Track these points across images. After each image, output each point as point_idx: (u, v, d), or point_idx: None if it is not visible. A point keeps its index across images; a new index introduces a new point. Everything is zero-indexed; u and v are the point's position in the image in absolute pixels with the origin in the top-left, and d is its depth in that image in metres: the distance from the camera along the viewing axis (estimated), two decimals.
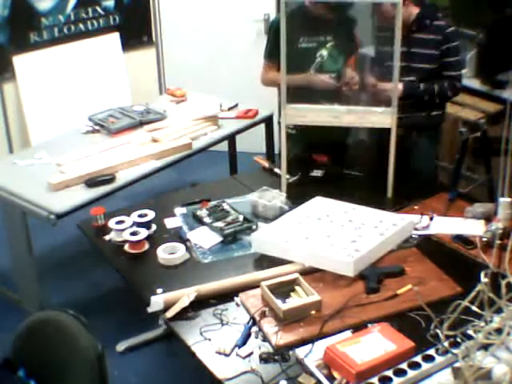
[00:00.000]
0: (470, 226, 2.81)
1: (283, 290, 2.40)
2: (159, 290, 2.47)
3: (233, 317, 2.35)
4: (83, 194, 3.31)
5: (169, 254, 2.69)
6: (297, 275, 2.45)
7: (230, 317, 2.35)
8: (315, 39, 3.41)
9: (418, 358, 2.07)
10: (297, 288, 2.42)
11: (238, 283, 2.48)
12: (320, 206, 2.91)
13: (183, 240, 2.79)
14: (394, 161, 3.06)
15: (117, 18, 4.89)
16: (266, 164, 3.41)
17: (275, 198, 2.99)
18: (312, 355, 2.12)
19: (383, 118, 3.09)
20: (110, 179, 3.40)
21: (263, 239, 2.69)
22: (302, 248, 2.60)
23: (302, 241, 2.64)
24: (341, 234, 2.67)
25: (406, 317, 2.30)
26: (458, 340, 2.10)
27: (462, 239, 2.72)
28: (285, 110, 3.07)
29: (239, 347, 2.20)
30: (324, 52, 3.41)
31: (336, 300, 2.36)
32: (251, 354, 2.18)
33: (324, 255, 2.54)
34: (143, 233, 2.77)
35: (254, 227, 2.84)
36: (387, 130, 3.06)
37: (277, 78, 3.39)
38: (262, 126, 4.13)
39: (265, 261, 2.64)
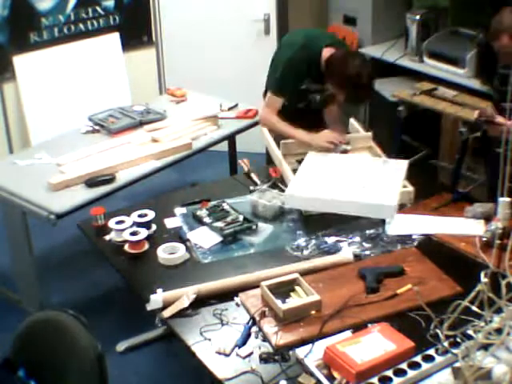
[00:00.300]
0: (470, 225, 2.81)
1: (283, 289, 2.40)
2: (159, 290, 2.47)
3: (233, 317, 2.35)
4: (83, 194, 3.31)
5: (169, 254, 2.69)
6: (297, 275, 2.45)
7: (229, 317, 2.35)
8: (315, 86, 3.32)
9: (418, 358, 2.07)
10: (297, 288, 2.42)
11: (238, 283, 2.48)
12: (319, 160, 3.13)
13: (183, 240, 2.79)
14: None
15: (117, 17, 4.89)
16: (246, 168, 3.39)
17: (275, 198, 2.99)
18: (312, 355, 2.12)
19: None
20: (110, 179, 3.40)
21: (300, 195, 2.88)
22: (340, 198, 2.85)
23: (338, 191, 2.88)
24: (363, 182, 2.93)
25: (406, 317, 2.30)
26: (458, 340, 2.10)
27: None
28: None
29: (239, 347, 2.20)
30: (317, 97, 3.33)
31: (336, 300, 2.36)
32: (251, 354, 2.18)
33: (365, 202, 2.81)
34: (143, 233, 2.77)
35: (253, 227, 2.84)
36: None
37: (276, 127, 3.39)
38: None
39: (265, 261, 2.65)
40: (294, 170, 3.14)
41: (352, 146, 3.35)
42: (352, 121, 3.58)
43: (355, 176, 3.01)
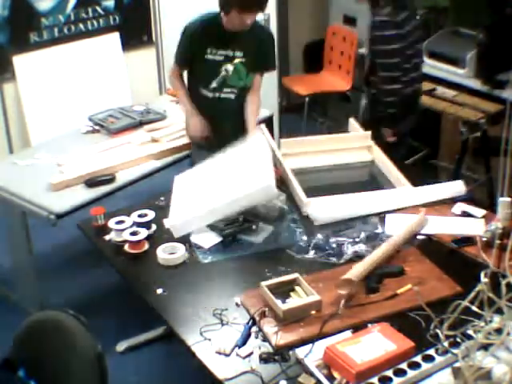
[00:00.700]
0: (470, 225, 2.81)
1: (283, 289, 2.40)
2: (159, 290, 2.47)
3: (233, 317, 2.35)
4: (83, 194, 3.31)
5: (169, 254, 2.69)
6: (297, 275, 2.45)
7: (229, 317, 2.35)
8: (223, 53, 3.35)
9: (418, 358, 2.07)
10: (297, 288, 2.42)
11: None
12: (187, 179, 3.10)
13: (183, 240, 2.79)
14: None
15: (117, 18, 4.88)
16: None
17: (275, 198, 2.99)
18: (312, 355, 2.12)
19: None
20: (110, 179, 3.40)
21: (182, 221, 2.79)
22: (219, 203, 2.79)
23: (214, 199, 2.83)
24: (229, 180, 2.91)
25: (406, 317, 2.29)
26: (458, 340, 2.10)
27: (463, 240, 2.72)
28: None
29: (239, 347, 2.20)
30: (230, 67, 3.35)
31: (336, 300, 2.36)
32: (251, 353, 2.18)
33: (245, 193, 2.76)
34: (143, 233, 2.77)
35: (253, 227, 2.84)
36: None
37: (176, 88, 3.57)
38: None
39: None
40: (294, 170, 3.14)
41: (351, 146, 3.36)
42: (352, 121, 3.58)
43: (225, 176, 2.97)
